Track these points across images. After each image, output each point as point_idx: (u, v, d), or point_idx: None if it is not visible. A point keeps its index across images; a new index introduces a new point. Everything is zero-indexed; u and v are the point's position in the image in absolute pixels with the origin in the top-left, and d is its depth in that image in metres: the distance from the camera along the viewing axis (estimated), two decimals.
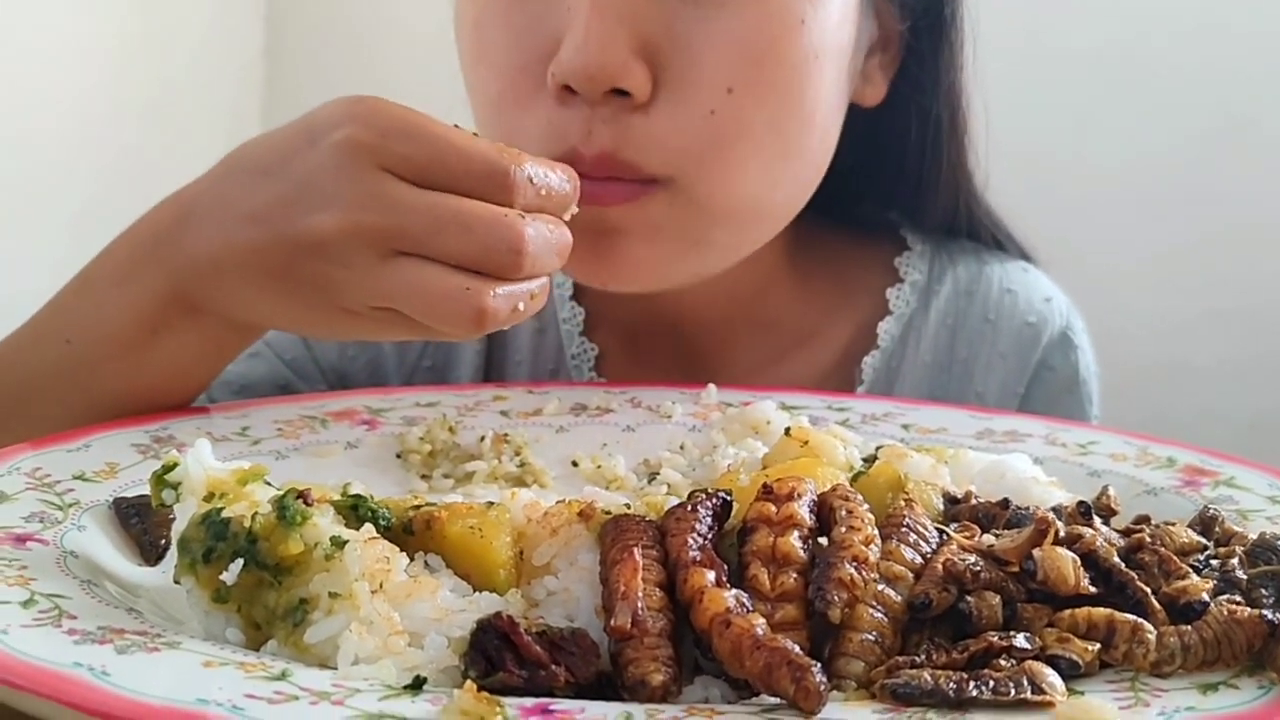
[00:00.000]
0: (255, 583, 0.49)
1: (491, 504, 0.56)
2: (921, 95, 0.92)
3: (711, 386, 0.86)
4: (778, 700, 0.44)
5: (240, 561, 0.48)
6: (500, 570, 0.52)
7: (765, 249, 0.89)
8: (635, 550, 0.48)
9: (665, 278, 0.84)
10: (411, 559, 0.52)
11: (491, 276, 0.64)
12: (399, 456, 0.75)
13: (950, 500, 0.61)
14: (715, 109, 0.77)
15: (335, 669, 0.45)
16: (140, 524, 0.60)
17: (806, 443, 0.66)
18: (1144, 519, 0.63)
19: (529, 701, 0.43)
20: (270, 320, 0.74)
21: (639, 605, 0.46)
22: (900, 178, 0.97)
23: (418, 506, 0.55)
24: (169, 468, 0.54)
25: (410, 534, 0.53)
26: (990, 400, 0.96)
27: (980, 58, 0.95)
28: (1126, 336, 1.67)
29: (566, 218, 0.70)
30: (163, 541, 0.60)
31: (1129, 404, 1.45)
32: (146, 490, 0.63)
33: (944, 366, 0.97)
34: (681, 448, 0.79)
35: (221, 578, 0.49)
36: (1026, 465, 0.70)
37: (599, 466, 0.75)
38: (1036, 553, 0.49)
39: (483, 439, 0.76)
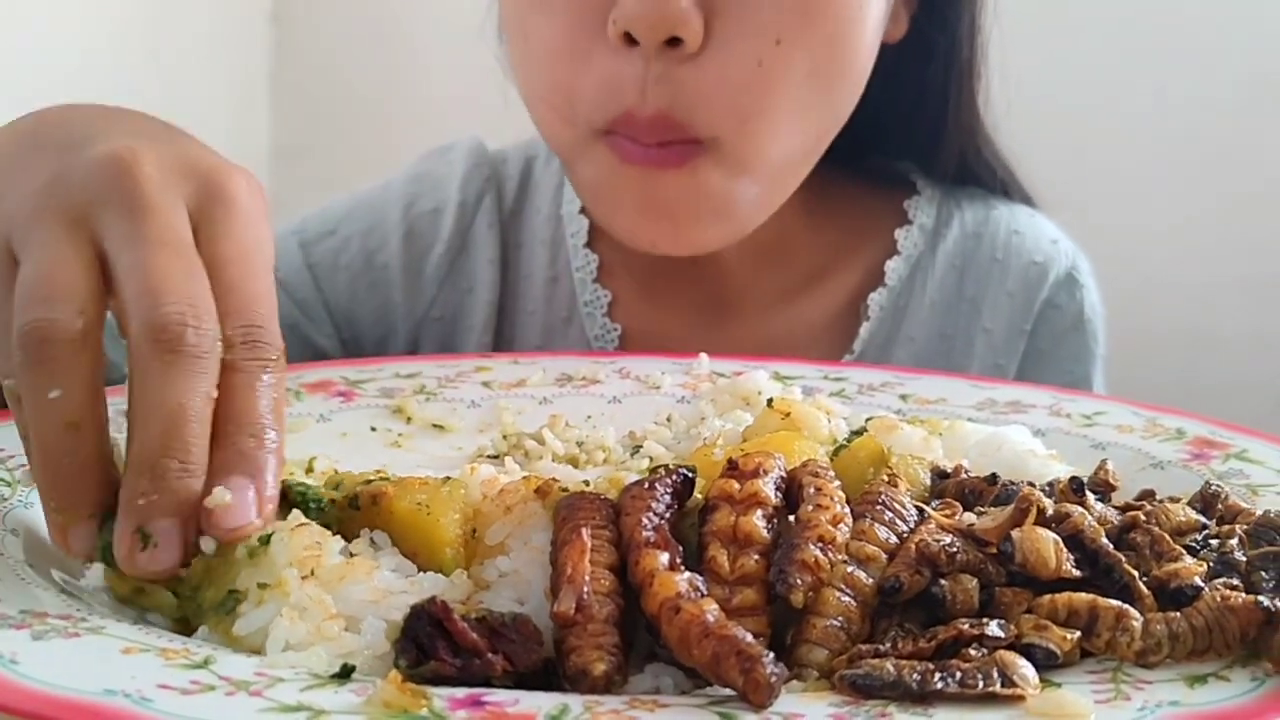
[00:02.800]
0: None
1: (448, 479, 0.53)
2: (940, 32, 0.93)
3: (703, 356, 0.83)
4: (730, 691, 0.41)
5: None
6: (446, 549, 0.49)
7: None
8: (584, 530, 0.46)
9: (710, 240, 0.86)
10: (357, 536, 0.50)
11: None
12: (373, 430, 0.73)
13: (939, 475, 0.58)
14: (763, 60, 0.78)
15: (262, 656, 0.43)
16: None
17: (788, 415, 0.63)
18: (1148, 494, 0.59)
19: (460, 692, 0.40)
20: None
21: (584, 590, 0.43)
22: (914, 117, 0.98)
23: (370, 481, 0.53)
24: None
25: (356, 509, 0.51)
26: (998, 337, 0.98)
27: (1009, 15, 0.96)
28: (1152, 303, 1.62)
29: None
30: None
31: (1153, 372, 1.41)
32: None
33: (951, 305, 0.98)
34: (669, 419, 0.76)
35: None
36: (1025, 437, 0.67)
37: (579, 444, 0.72)
38: (1015, 533, 0.46)
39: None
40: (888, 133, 0.99)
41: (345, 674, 0.41)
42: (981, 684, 0.41)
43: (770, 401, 0.65)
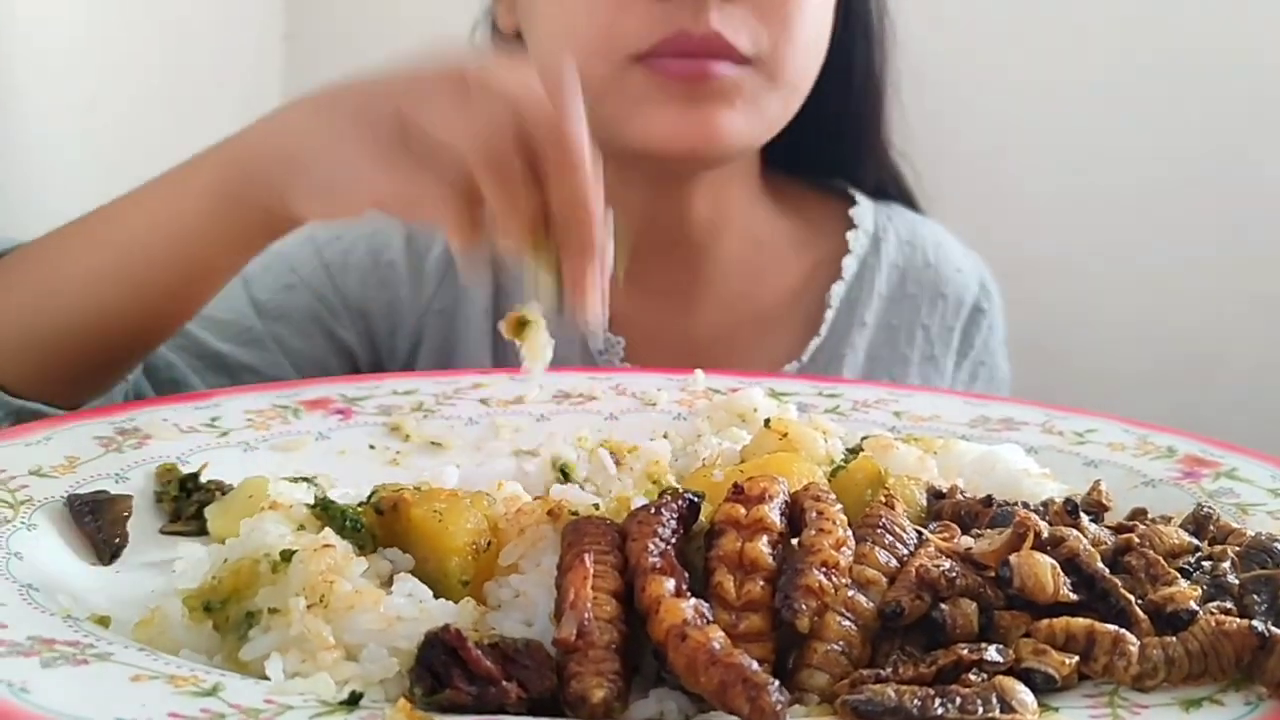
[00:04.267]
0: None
1: (478, 494, 0.54)
2: (858, 35, 1.07)
3: (699, 372, 0.84)
4: (735, 717, 0.42)
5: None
6: (453, 557, 0.50)
7: (749, 171, 1.06)
8: (587, 556, 0.46)
9: (735, 138, 0.95)
10: (376, 549, 0.51)
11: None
12: (371, 448, 0.73)
13: (935, 495, 0.59)
14: None
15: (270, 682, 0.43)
16: (94, 522, 0.59)
17: (785, 435, 0.63)
18: (1140, 512, 0.60)
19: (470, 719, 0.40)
20: (313, 176, 0.74)
21: (585, 616, 0.44)
22: (840, 130, 1.11)
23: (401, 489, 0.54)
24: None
25: (380, 514, 0.52)
26: (933, 331, 1.13)
27: (1006, 29, 0.99)
28: (1158, 328, 1.62)
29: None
30: (117, 540, 0.58)
31: (1159, 399, 1.41)
32: (106, 485, 0.62)
33: (896, 299, 1.12)
34: (665, 436, 0.77)
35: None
36: (1019, 457, 0.68)
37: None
38: (1013, 559, 0.47)
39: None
40: (817, 145, 1.11)
41: (354, 700, 0.42)
42: (981, 710, 0.41)
43: (768, 422, 0.65)
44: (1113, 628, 0.45)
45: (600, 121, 0.93)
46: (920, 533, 0.51)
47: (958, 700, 0.41)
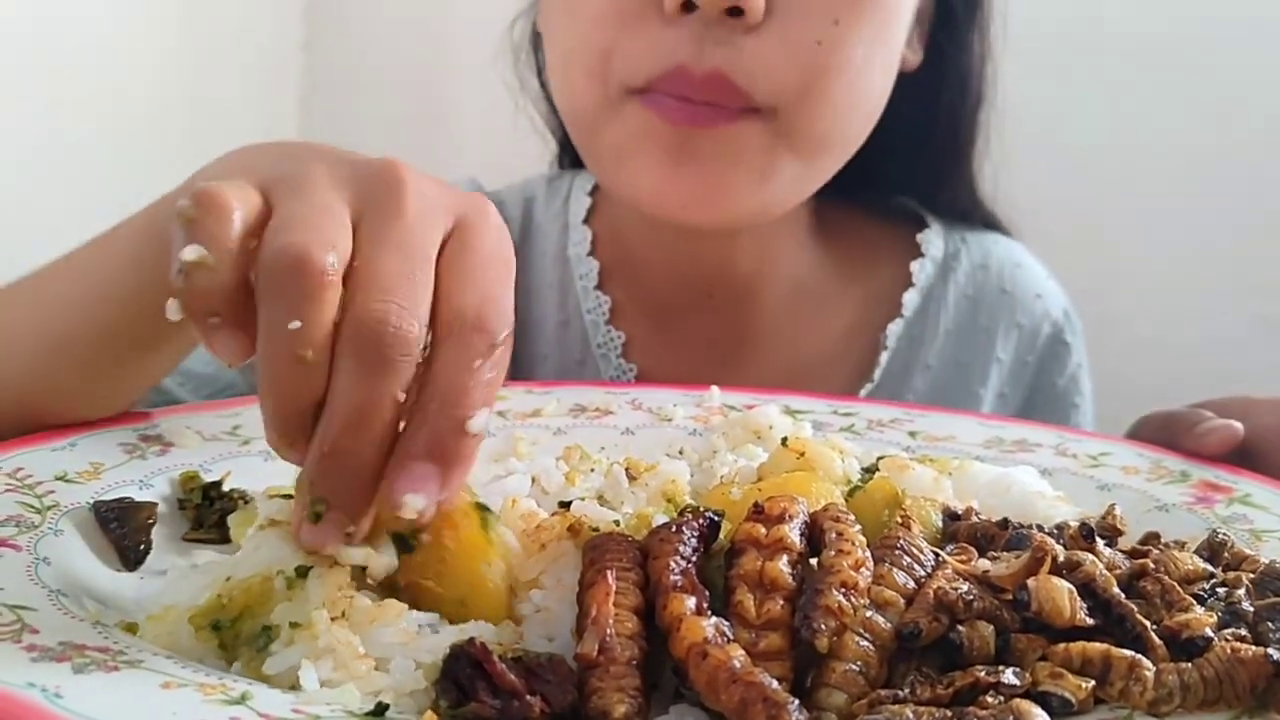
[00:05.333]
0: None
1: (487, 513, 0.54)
2: (951, 68, 0.96)
3: (714, 389, 0.84)
4: None
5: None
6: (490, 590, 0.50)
7: (799, 215, 0.94)
8: (609, 573, 0.47)
9: (739, 206, 0.85)
10: None
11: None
12: None
13: (950, 516, 0.59)
14: (822, 39, 0.80)
15: (298, 691, 0.44)
16: (120, 528, 0.59)
17: (803, 454, 0.64)
18: (1153, 536, 0.61)
19: None
20: None
21: (608, 632, 0.44)
22: (921, 153, 1.00)
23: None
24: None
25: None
26: (1007, 365, 1.01)
27: (1018, 46, 0.99)
28: (1168, 344, 1.62)
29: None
30: (141, 547, 0.59)
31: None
32: (129, 492, 0.63)
33: (966, 334, 1.01)
34: (681, 452, 0.77)
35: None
36: (1033, 479, 0.68)
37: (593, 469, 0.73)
38: (1031, 583, 0.47)
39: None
40: (890, 168, 1.01)
41: (380, 712, 0.42)
42: None
43: (785, 440, 0.66)
44: (1129, 653, 0.45)
45: (596, 157, 0.88)
46: (937, 554, 0.52)
47: None
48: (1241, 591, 0.50)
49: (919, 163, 1.02)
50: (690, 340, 0.98)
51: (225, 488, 0.65)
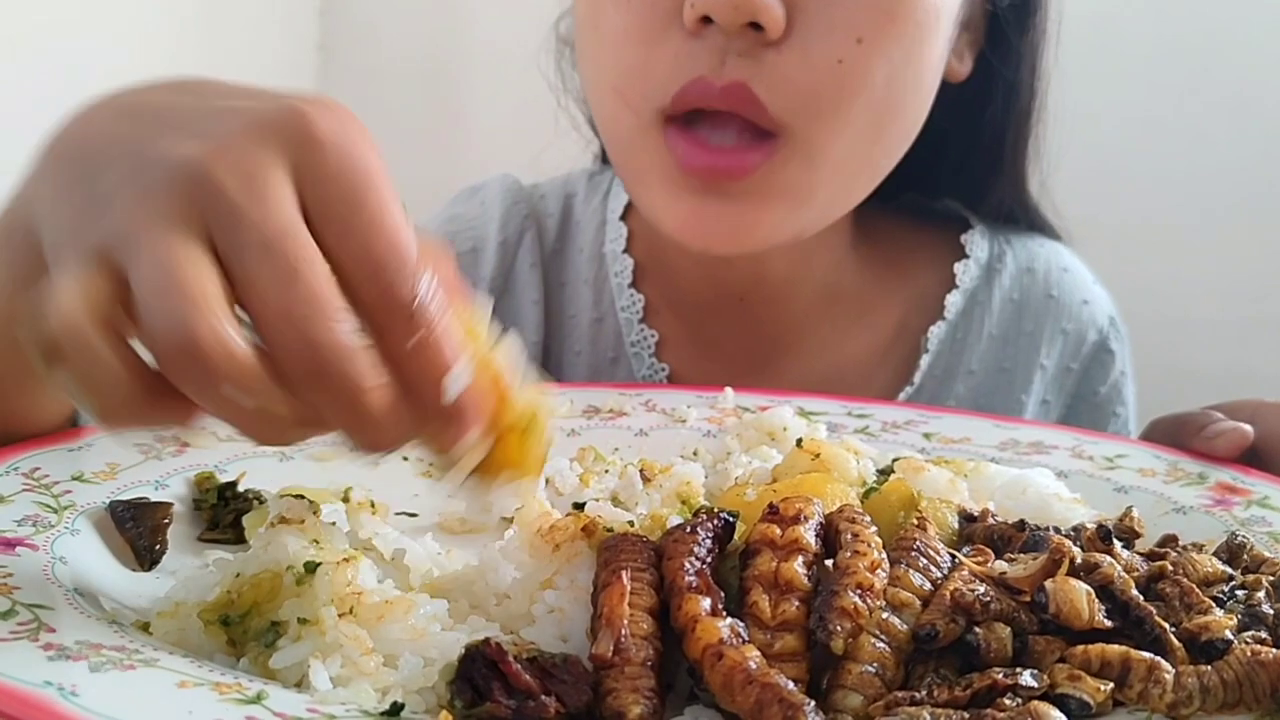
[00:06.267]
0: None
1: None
2: (1002, 77, 0.93)
3: (728, 390, 0.84)
4: None
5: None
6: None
7: (837, 223, 0.90)
8: (624, 574, 0.47)
9: (770, 238, 0.83)
10: None
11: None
12: (405, 459, 0.74)
13: (966, 518, 0.59)
14: (843, 58, 0.78)
15: (309, 690, 0.44)
16: (135, 528, 0.59)
17: (818, 455, 0.64)
18: (1170, 539, 0.60)
19: None
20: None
21: (623, 633, 0.44)
22: (969, 157, 0.99)
23: None
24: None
25: None
26: (1050, 372, 0.99)
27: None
28: (1181, 341, 1.61)
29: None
30: (157, 546, 0.59)
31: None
32: (145, 492, 0.63)
33: (1010, 339, 0.99)
34: (695, 454, 0.77)
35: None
36: (1049, 481, 0.68)
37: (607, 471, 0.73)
38: (1049, 585, 0.47)
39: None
40: (937, 171, 0.99)
41: (395, 712, 0.42)
42: None
43: (800, 442, 0.66)
44: (1148, 655, 0.45)
45: (626, 177, 0.87)
46: (954, 556, 0.52)
47: None
48: (1261, 594, 0.50)
49: (966, 168, 1.00)
50: (723, 343, 0.97)
51: (240, 488, 0.65)
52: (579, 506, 0.57)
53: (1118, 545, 0.54)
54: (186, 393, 0.42)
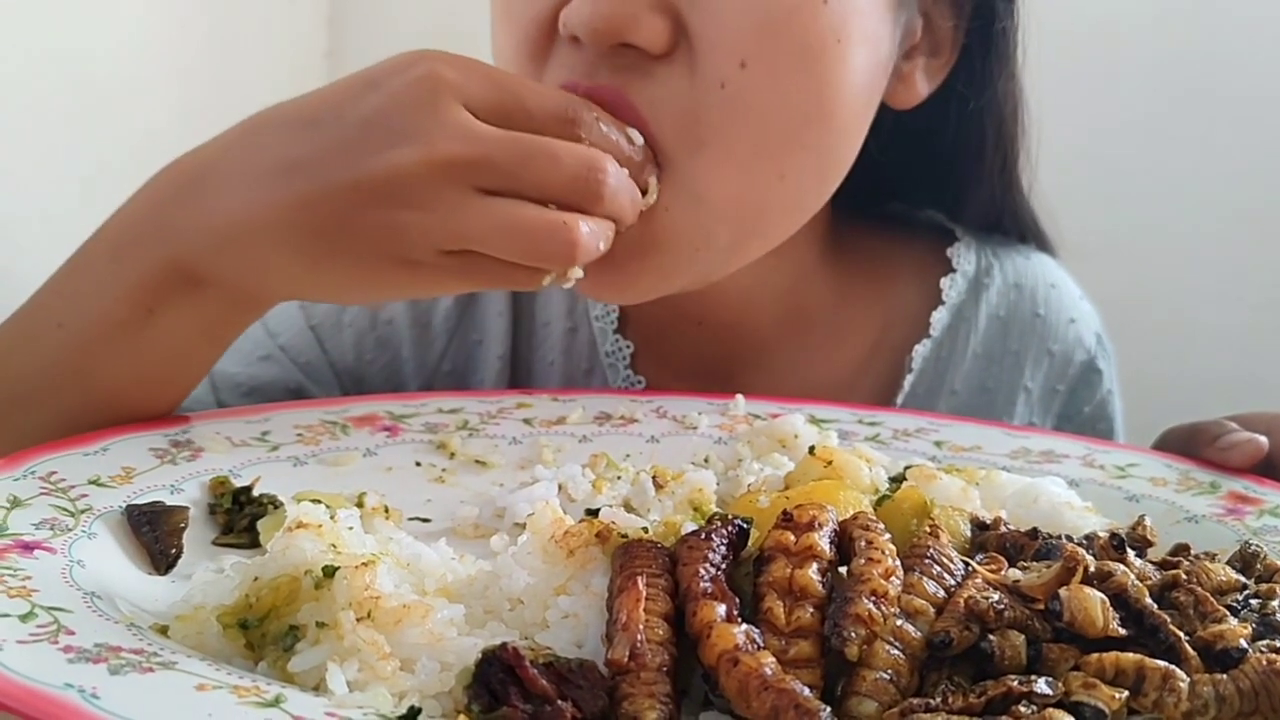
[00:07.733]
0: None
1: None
2: (974, 97, 0.89)
3: (740, 397, 0.84)
4: None
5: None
6: None
7: (798, 243, 0.85)
8: (639, 579, 0.47)
9: (667, 286, 0.79)
10: None
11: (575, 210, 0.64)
12: (418, 465, 0.74)
13: (979, 526, 0.59)
14: (726, 82, 0.71)
15: (327, 694, 0.44)
16: (151, 532, 0.60)
17: (830, 463, 0.64)
18: (1183, 548, 0.60)
19: None
20: (295, 288, 0.70)
21: (639, 638, 0.44)
22: (948, 176, 0.96)
23: None
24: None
25: None
26: (1034, 395, 0.96)
27: (1054, 64, 0.94)
28: (1192, 348, 1.61)
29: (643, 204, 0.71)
30: (173, 550, 0.60)
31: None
32: (160, 496, 0.63)
33: (995, 358, 0.96)
34: (706, 460, 0.77)
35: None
36: (1061, 489, 0.68)
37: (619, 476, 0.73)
38: (1063, 592, 0.47)
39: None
40: (916, 183, 0.97)
41: (412, 716, 0.43)
42: None
43: (812, 449, 0.66)
44: (1163, 663, 0.45)
45: None
46: (967, 564, 0.52)
47: None
48: (1276, 603, 0.50)
49: (950, 180, 0.96)
50: (698, 356, 0.94)
51: (255, 493, 0.66)
52: (592, 513, 0.58)
53: (1131, 554, 0.54)
54: (587, 203, 0.65)
